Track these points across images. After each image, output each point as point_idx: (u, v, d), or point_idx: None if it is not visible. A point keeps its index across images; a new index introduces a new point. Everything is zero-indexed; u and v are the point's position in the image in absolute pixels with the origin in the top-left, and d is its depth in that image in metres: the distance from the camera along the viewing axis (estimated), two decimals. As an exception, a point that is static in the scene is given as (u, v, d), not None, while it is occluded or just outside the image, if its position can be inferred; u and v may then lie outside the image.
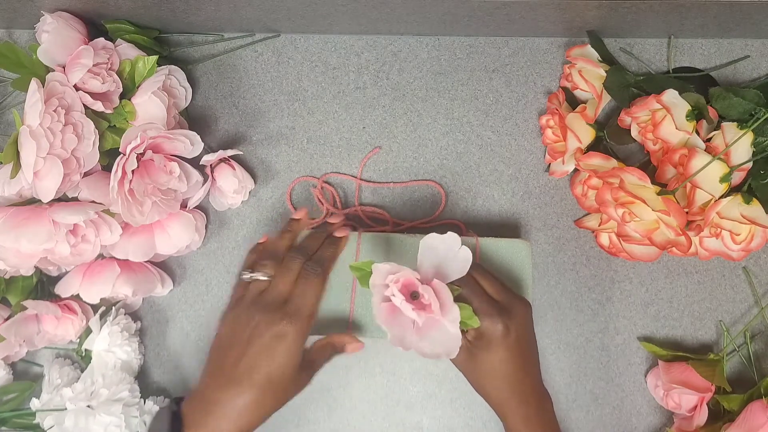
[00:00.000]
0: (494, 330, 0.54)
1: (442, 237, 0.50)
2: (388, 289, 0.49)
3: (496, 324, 0.54)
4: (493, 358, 0.55)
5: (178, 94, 0.68)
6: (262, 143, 0.72)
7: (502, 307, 0.55)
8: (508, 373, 0.55)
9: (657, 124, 0.63)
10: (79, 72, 0.58)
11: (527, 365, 0.57)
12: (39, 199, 0.58)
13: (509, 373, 0.55)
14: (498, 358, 0.55)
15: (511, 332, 0.54)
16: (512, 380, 0.55)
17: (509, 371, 0.55)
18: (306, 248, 0.56)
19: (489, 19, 0.65)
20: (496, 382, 0.56)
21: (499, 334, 0.54)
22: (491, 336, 0.54)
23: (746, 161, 0.60)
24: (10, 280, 0.66)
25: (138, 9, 0.64)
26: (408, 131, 0.71)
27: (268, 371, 0.51)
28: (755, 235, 0.62)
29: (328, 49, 0.72)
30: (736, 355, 0.69)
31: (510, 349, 0.55)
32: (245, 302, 0.54)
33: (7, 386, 0.67)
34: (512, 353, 0.55)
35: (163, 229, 0.66)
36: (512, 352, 0.55)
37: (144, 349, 0.71)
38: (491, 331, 0.54)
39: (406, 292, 0.49)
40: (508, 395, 0.56)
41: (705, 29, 0.67)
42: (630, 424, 0.69)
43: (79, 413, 0.60)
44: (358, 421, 0.70)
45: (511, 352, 0.55)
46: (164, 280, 0.70)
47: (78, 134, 0.58)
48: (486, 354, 0.55)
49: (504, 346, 0.54)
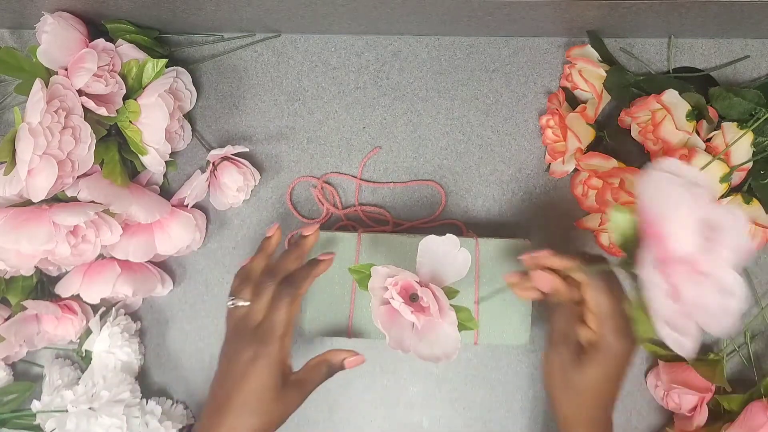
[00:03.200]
0: (617, 347, 0.50)
1: (441, 239, 0.50)
2: (387, 292, 0.49)
3: (621, 341, 0.50)
4: (598, 375, 0.51)
5: (184, 97, 0.68)
6: (262, 143, 0.72)
7: (628, 327, 0.50)
8: (600, 395, 0.52)
9: (657, 124, 0.63)
10: (84, 76, 0.58)
11: (614, 398, 0.54)
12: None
13: (601, 396, 0.52)
14: (603, 377, 0.51)
15: (627, 355, 0.51)
16: (597, 405, 0.53)
17: (603, 394, 0.52)
18: (277, 269, 0.57)
19: (489, 19, 0.65)
20: (583, 399, 0.52)
21: (620, 351, 0.50)
22: (609, 351, 0.50)
23: (746, 161, 0.60)
24: (10, 280, 0.66)
25: (138, 9, 0.64)
26: (408, 131, 0.71)
27: (244, 397, 0.53)
28: (755, 235, 0.62)
29: (328, 49, 0.72)
30: (736, 355, 0.69)
31: (617, 371, 0.52)
32: (230, 331, 0.57)
33: (7, 387, 0.67)
34: (614, 379, 0.52)
35: (163, 229, 0.66)
36: (617, 375, 0.52)
37: (144, 350, 0.71)
38: (612, 347, 0.50)
39: (404, 294, 0.49)
40: (585, 419, 0.53)
41: (705, 29, 0.67)
42: (630, 424, 0.69)
43: (80, 415, 0.60)
44: (358, 421, 0.70)
45: (616, 375, 0.52)
46: (164, 280, 0.70)
47: (76, 137, 0.58)
48: (593, 366, 0.51)
49: (615, 366, 0.51)
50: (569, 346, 0.52)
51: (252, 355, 0.53)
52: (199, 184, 0.67)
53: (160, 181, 0.70)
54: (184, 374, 0.71)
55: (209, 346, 0.71)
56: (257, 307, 0.55)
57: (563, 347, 0.53)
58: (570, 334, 0.53)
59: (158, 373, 0.71)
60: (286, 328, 0.54)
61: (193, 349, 0.71)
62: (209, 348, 0.71)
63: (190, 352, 0.71)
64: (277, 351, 0.54)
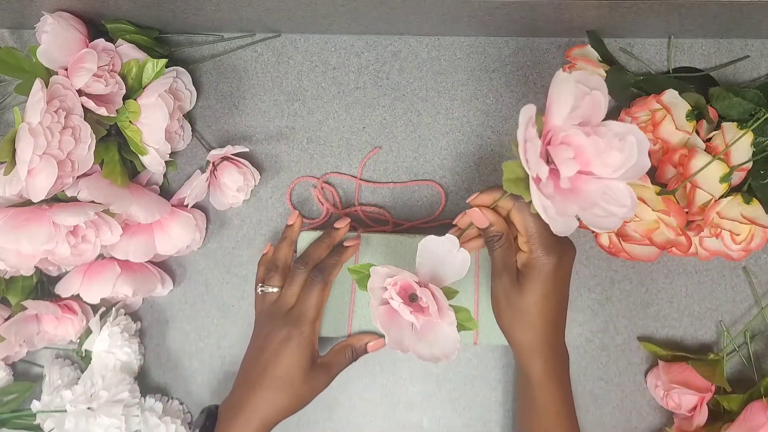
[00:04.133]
0: (547, 262, 0.52)
1: (441, 239, 0.50)
2: (386, 292, 0.49)
3: (550, 256, 0.52)
4: (536, 292, 0.52)
5: (183, 97, 0.68)
6: (262, 143, 0.72)
7: (557, 242, 0.53)
8: (544, 313, 0.53)
9: (657, 124, 0.63)
10: (84, 77, 0.58)
11: (561, 313, 0.55)
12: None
13: (545, 315, 0.53)
14: (541, 293, 0.52)
15: (560, 270, 0.53)
16: (545, 324, 0.54)
17: (545, 312, 0.53)
18: (309, 256, 0.62)
19: (489, 19, 0.65)
20: (530, 319, 0.53)
21: (550, 267, 0.52)
22: (542, 268, 0.52)
23: (746, 161, 0.60)
24: (10, 280, 0.66)
25: (138, 9, 0.64)
26: (408, 131, 0.71)
27: (276, 372, 0.58)
28: (755, 235, 0.62)
29: (328, 49, 0.72)
30: (736, 355, 0.69)
31: (555, 286, 0.53)
32: (261, 314, 0.62)
33: (7, 387, 0.67)
34: (554, 292, 0.53)
35: (163, 229, 0.66)
36: (555, 290, 0.53)
37: (144, 350, 0.71)
38: (543, 263, 0.52)
39: (404, 294, 0.49)
40: (538, 339, 0.54)
41: (705, 29, 0.67)
42: (630, 424, 0.69)
43: (79, 415, 0.60)
44: (358, 421, 0.70)
45: (554, 291, 0.53)
46: (164, 280, 0.70)
47: (76, 137, 0.58)
48: (530, 285, 0.52)
49: (551, 281, 0.52)
50: (510, 272, 0.54)
51: (285, 336, 0.59)
52: (199, 184, 0.67)
53: (160, 181, 0.70)
54: (184, 374, 0.71)
55: (209, 346, 0.71)
56: (290, 292, 0.61)
57: (504, 274, 0.54)
58: (509, 262, 0.54)
59: (158, 373, 0.71)
60: (317, 313, 0.60)
61: (193, 349, 0.72)
62: (209, 348, 0.71)
63: (190, 352, 0.71)
64: (308, 333, 0.59)
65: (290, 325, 0.59)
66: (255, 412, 0.58)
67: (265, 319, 0.61)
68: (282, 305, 0.61)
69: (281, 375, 0.58)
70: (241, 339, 0.71)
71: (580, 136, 0.42)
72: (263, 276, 0.63)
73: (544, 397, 0.55)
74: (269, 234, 0.71)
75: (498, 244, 0.54)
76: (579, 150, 0.43)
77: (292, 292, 0.61)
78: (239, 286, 0.71)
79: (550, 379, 0.55)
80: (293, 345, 0.58)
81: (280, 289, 0.62)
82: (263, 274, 0.64)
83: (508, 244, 0.54)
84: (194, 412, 0.71)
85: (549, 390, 0.55)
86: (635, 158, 0.42)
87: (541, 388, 0.55)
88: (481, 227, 0.54)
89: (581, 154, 0.43)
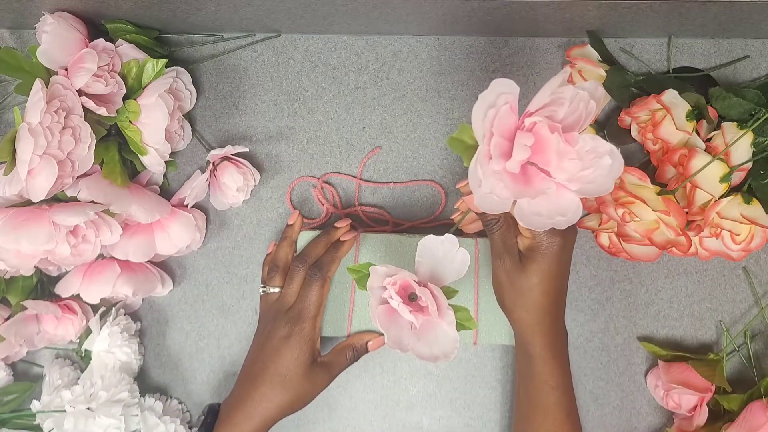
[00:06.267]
0: (551, 244, 0.53)
1: (440, 239, 0.50)
2: (386, 292, 0.49)
3: (554, 238, 0.53)
4: (540, 272, 0.53)
5: (183, 97, 0.68)
6: (262, 143, 0.72)
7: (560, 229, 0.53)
8: (547, 292, 0.54)
9: (657, 124, 0.63)
10: (83, 77, 0.58)
11: (562, 292, 0.56)
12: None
13: (548, 293, 0.54)
14: (546, 274, 0.53)
15: (563, 252, 0.54)
16: (549, 302, 0.55)
17: (549, 291, 0.54)
18: (307, 254, 0.63)
19: (489, 19, 0.65)
20: (533, 299, 0.54)
21: (555, 249, 0.53)
22: (546, 250, 0.53)
23: (746, 161, 0.60)
24: (10, 280, 0.66)
25: (138, 9, 0.64)
26: (408, 131, 0.71)
27: (277, 368, 0.59)
28: (755, 235, 0.62)
29: (328, 49, 0.72)
30: (736, 355, 0.69)
31: (559, 267, 0.54)
32: (263, 314, 0.64)
33: (7, 387, 0.68)
34: (558, 273, 0.54)
35: (163, 229, 0.66)
36: (558, 271, 0.54)
37: (144, 350, 0.71)
38: (547, 245, 0.53)
39: (403, 294, 0.49)
40: (540, 317, 0.55)
41: (705, 29, 0.67)
42: (630, 424, 0.69)
43: (78, 416, 0.60)
44: (358, 421, 0.70)
45: (558, 271, 0.54)
46: (164, 280, 0.70)
47: (76, 137, 0.58)
48: (533, 266, 0.53)
49: (556, 262, 0.53)
50: (511, 253, 0.54)
51: (286, 333, 0.60)
52: (199, 184, 0.67)
53: (160, 181, 0.70)
54: (184, 374, 0.71)
55: (209, 346, 0.71)
56: (289, 291, 0.62)
57: (506, 256, 0.55)
58: (510, 243, 0.55)
59: (158, 373, 0.71)
60: (317, 309, 0.61)
61: (193, 349, 0.72)
62: (209, 348, 0.71)
63: (190, 352, 0.71)
64: (309, 330, 0.60)
65: (291, 322, 0.60)
66: (255, 408, 0.59)
67: (267, 318, 0.63)
68: (283, 304, 0.62)
69: (282, 371, 0.59)
70: (240, 339, 0.71)
71: (545, 128, 0.42)
72: (266, 276, 0.64)
73: (543, 372, 0.56)
74: (269, 234, 0.71)
75: (496, 227, 0.54)
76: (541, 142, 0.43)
77: (292, 290, 0.62)
78: (239, 286, 0.71)
79: (551, 354, 0.56)
80: (294, 342, 0.59)
81: (281, 289, 0.63)
82: (265, 273, 0.65)
83: (507, 226, 0.55)
84: (194, 411, 0.71)
85: (549, 364, 0.56)
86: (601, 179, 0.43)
87: (542, 361, 0.56)
88: (477, 212, 0.55)
89: (542, 149, 0.43)
